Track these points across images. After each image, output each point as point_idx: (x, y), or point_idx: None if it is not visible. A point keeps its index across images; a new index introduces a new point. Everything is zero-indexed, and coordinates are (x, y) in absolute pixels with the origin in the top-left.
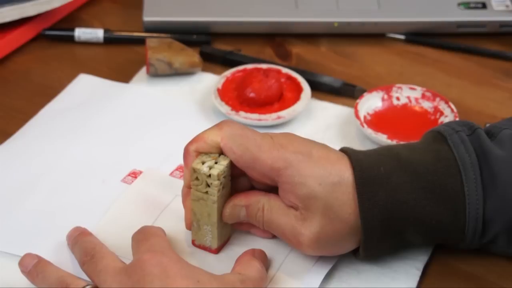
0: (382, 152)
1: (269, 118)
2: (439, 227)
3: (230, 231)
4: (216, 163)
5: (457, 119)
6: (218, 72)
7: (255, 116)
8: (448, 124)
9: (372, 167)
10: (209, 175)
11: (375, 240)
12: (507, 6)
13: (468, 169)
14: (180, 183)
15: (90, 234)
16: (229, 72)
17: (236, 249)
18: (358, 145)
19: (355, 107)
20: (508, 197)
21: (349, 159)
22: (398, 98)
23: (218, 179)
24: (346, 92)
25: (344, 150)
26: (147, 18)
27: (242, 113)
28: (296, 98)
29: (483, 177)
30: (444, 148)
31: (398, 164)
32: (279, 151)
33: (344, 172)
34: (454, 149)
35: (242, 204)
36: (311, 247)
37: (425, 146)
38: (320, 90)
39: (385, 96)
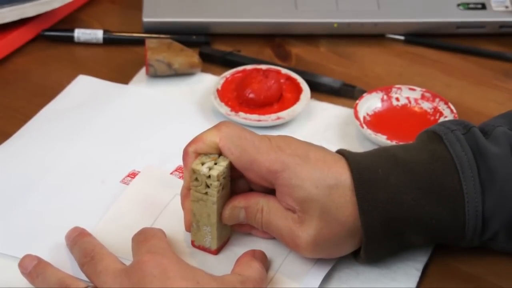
0: (379, 153)
1: (269, 118)
2: (439, 226)
3: (229, 232)
4: (215, 164)
5: None
6: (217, 73)
7: (254, 117)
8: (443, 123)
9: (370, 169)
10: (209, 176)
11: (376, 242)
12: (506, 6)
13: (465, 168)
14: (179, 182)
15: (89, 234)
16: (228, 73)
17: (236, 250)
18: (358, 146)
19: (354, 108)
20: (506, 194)
21: (346, 161)
22: (397, 99)
23: (218, 180)
24: (345, 93)
25: (341, 152)
26: (147, 19)
27: (241, 113)
28: (296, 98)
29: (481, 174)
30: (440, 147)
31: (396, 165)
32: (277, 153)
33: (341, 175)
34: (450, 148)
35: (241, 205)
36: (309, 250)
37: (420, 146)
38: (320, 90)
39: (385, 97)
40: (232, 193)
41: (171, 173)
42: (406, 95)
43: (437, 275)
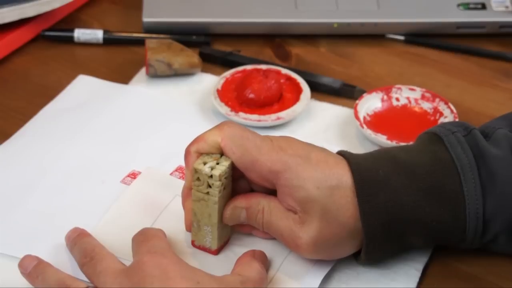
0: (379, 155)
1: (269, 119)
2: (440, 228)
3: (230, 232)
4: (217, 163)
5: (457, 120)
6: (217, 73)
7: (254, 117)
8: (443, 125)
9: (371, 170)
10: (211, 176)
11: (377, 243)
12: (506, 7)
13: (466, 170)
14: (179, 183)
15: (89, 235)
16: (228, 73)
17: (236, 250)
18: (358, 146)
19: (354, 108)
20: (506, 196)
21: (347, 162)
22: (397, 99)
23: (220, 180)
24: (345, 93)
25: (341, 154)
26: (147, 19)
27: (241, 114)
28: (296, 99)
29: (481, 177)
30: (441, 149)
31: (396, 166)
32: (278, 153)
33: (343, 176)
34: (451, 150)
35: (243, 206)
36: (309, 251)
37: (421, 147)
38: (320, 91)
39: (385, 97)
40: (233, 194)
41: (171, 174)
42: (406, 95)
43: (437, 275)
